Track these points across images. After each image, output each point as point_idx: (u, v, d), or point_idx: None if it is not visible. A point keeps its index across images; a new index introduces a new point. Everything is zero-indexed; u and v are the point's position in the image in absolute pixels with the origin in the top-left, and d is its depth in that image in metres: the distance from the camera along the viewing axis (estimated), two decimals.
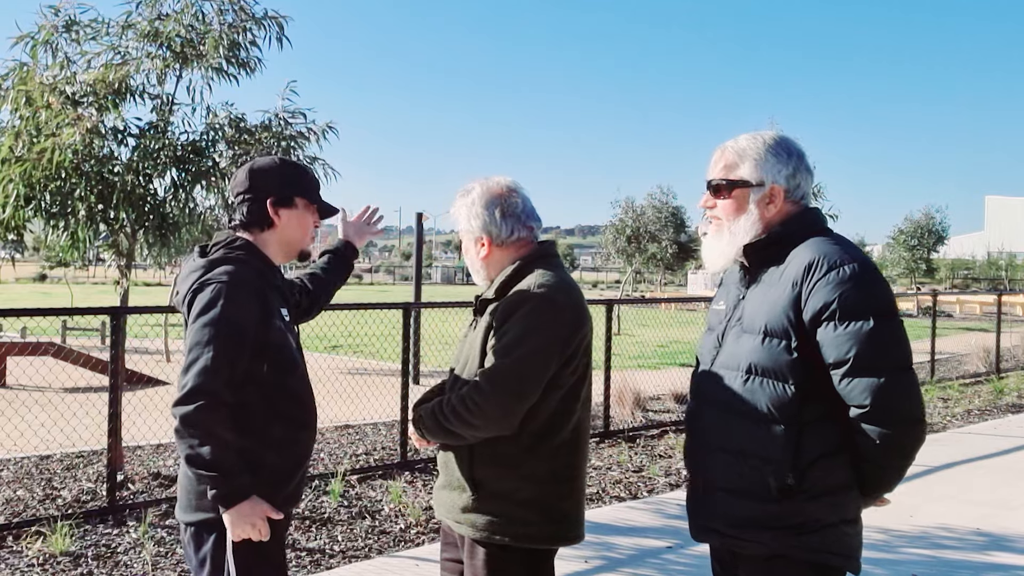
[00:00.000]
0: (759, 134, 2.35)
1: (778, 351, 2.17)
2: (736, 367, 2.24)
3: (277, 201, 2.59)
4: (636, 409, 9.09)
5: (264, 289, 2.51)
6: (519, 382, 2.49)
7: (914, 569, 4.75)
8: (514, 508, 2.56)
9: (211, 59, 6.18)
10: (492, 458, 2.57)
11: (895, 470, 2.18)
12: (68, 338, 16.34)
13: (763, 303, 2.23)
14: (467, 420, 2.51)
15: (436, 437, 2.64)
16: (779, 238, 2.27)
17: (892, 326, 2.11)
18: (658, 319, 18.52)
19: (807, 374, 2.15)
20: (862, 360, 2.08)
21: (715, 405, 2.29)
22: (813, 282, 2.13)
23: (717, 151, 2.38)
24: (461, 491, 2.60)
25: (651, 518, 5.71)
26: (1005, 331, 14.36)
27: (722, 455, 2.26)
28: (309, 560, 4.77)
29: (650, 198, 26.13)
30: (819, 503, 2.15)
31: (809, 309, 2.13)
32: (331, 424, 8.31)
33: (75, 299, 15.26)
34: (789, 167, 2.29)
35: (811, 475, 2.14)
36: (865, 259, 2.17)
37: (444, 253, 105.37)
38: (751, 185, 2.29)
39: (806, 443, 2.15)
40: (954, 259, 53.53)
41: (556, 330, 2.54)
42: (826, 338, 2.11)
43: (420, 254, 7.43)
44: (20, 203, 5.82)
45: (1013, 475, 7.02)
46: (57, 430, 7.11)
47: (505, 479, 2.57)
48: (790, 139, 2.35)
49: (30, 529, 4.99)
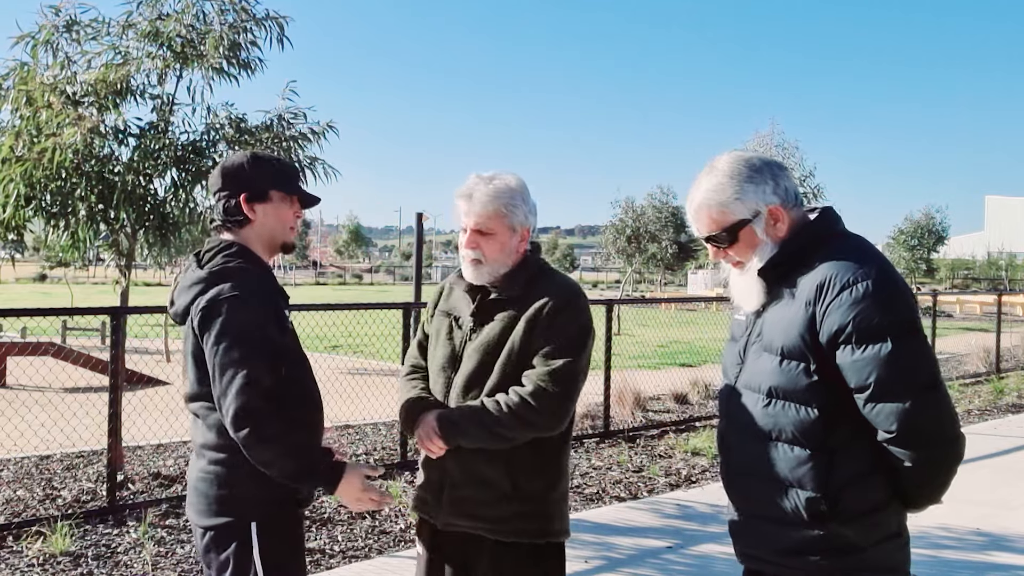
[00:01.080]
0: (714, 171, 2.22)
1: (796, 374, 2.08)
2: (757, 388, 2.17)
3: (250, 197, 2.53)
4: (636, 409, 9.09)
5: (271, 293, 2.50)
6: (577, 382, 2.53)
7: (914, 569, 4.74)
8: (547, 506, 2.59)
9: (212, 59, 6.18)
10: (530, 459, 2.56)
11: (937, 487, 2.10)
12: (68, 338, 16.34)
13: (780, 322, 2.14)
14: (530, 421, 2.47)
15: (472, 441, 2.53)
16: (789, 256, 2.16)
17: (913, 345, 2.01)
18: (658, 319, 18.53)
19: (830, 396, 2.06)
20: (884, 385, 1.98)
21: (742, 429, 2.21)
22: (826, 304, 2.04)
23: (691, 209, 2.27)
24: (495, 495, 2.54)
25: (651, 518, 5.71)
26: (1005, 331, 14.36)
27: (755, 482, 2.18)
28: (309, 560, 4.77)
29: (650, 198, 26.17)
30: (857, 525, 2.08)
31: (825, 332, 2.04)
32: (331, 424, 8.30)
33: (75, 299, 15.26)
34: (768, 182, 2.19)
35: (845, 499, 2.06)
36: (881, 271, 2.06)
37: (444, 253, 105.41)
38: (750, 221, 2.19)
39: (837, 467, 2.07)
40: (954, 259, 53.54)
41: (593, 330, 2.61)
42: (845, 362, 2.02)
43: (420, 254, 7.42)
44: (20, 203, 5.81)
45: (1013, 475, 7.03)
46: (57, 430, 7.11)
47: (538, 479, 2.58)
48: (745, 155, 2.24)
49: (30, 529, 4.99)
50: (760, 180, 2.19)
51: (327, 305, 7.00)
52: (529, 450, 2.54)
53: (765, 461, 2.14)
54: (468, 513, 2.57)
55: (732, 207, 2.19)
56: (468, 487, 2.57)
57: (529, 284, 2.61)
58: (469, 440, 2.52)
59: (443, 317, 2.75)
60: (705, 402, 10.14)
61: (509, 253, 2.62)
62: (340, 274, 72.61)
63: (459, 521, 2.59)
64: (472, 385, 2.58)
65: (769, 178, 2.20)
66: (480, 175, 2.66)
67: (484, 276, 2.63)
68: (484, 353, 2.58)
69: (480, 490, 2.55)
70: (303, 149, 6.61)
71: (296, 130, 6.61)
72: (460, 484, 2.58)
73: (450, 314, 2.73)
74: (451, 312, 2.73)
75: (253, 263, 2.52)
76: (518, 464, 2.54)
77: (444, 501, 2.61)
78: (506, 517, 2.54)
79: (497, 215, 2.59)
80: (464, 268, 2.68)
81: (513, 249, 2.62)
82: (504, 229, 2.60)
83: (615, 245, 25.87)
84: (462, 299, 2.72)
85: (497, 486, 2.54)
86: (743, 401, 2.21)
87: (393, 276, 73.46)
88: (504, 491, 2.54)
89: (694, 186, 2.26)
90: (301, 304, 7.01)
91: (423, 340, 2.85)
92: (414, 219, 7.42)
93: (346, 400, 8.76)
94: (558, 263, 79.66)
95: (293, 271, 65.46)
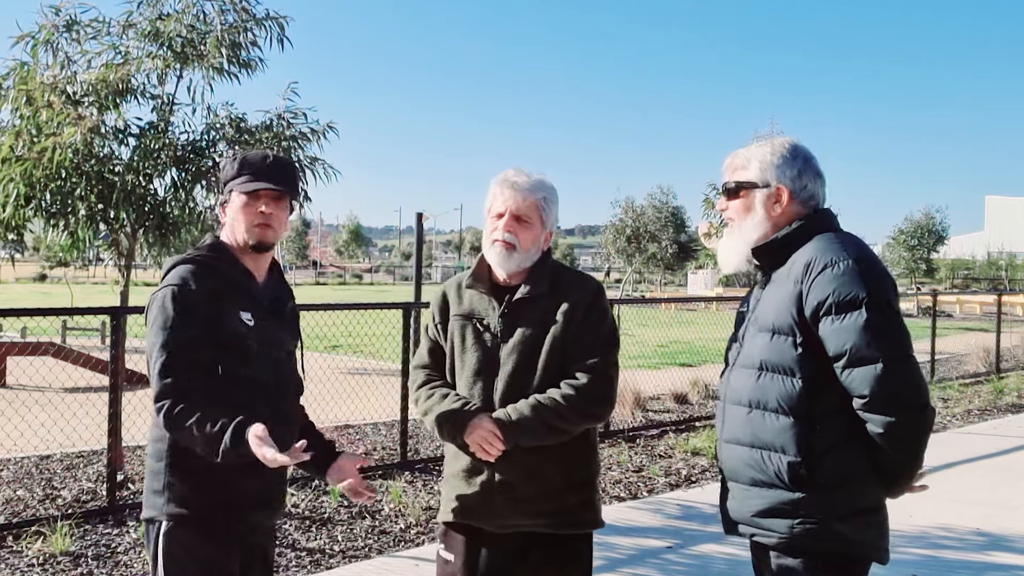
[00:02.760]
0: (770, 140, 2.44)
1: (784, 347, 2.25)
2: (751, 364, 2.32)
3: (223, 201, 2.60)
4: (636, 409, 9.10)
5: (218, 290, 2.47)
6: (618, 370, 2.75)
7: (914, 569, 4.75)
8: (596, 495, 2.74)
9: (212, 59, 6.18)
10: (579, 450, 2.68)
11: (907, 456, 2.21)
12: (68, 338, 16.33)
13: (772, 302, 2.32)
14: (589, 412, 2.62)
15: (532, 439, 2.57)
16: (786, 240, 2.34)
17: (886, 316, 2.17)
18: (658, 319, 18.51)
19: (815, 368, 2.21)
20: (858, 351, 2.14)
21: (735, 402, 2.37)
22: (811, 279, 2.22)
23: (729, 156, 2.47)
24: (551, 488, 2.62)
25: (651, 518, 5.71)
26: (1005, 331, 14.36)
27: (739, 448, 2.34)
28: (309, 560, 4.77)
29: (650, 198, 26.19)
30: (834, 493, 2.21)
31: (808, 305, 2.21)
32: (331, 424, 8.31)
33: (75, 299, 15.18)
34: (794, 168, 2.37)
35: (824, 465, 2.21)
36: (862, 255, 2.23)
37: (444, 253, 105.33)
38: (757, 186, 2.38)
39: (817, 435, 2.21)
40: (954, 259, 53.52)
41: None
42: (825, 332, 2.19)
43: (420, 254, 7.43)
44: (20, 202, 5.81)
45: (1013, 475, 7.03)
46: (57, 430, 7.10)
47: (584, 468, 2.71)
48: (800, 145, 2.43)
49: (30, 529, 4.99)
50: (786, 164, 2.37)
51: (327, 305, 7.01)
52: (577, 442, 2.65)
53: (751, 429, 2.30)
54: (528, 511, 2.61)
55: (752, 167, 2.39)
56: (526, 485, 2.60)
57: (552, 281, 2.68)
58: (529, 438, 2.56)
59: (463, 321, 2.72)
60: (705, 402, 10.14)
61: (537, 248, 2.69)
62: (340, 274, 72.63)
63: (520, 521, 2.61)
64: (517, 385, 2.61)
65: (795, 167, 2.37)
66: (521, 169, 2.74)
67: (512, 264, 2.66)
68: (523, 353, 2.62)
69: (538, 486, 2.61)
70: (303, 149, 6.62)
71: (296, 130, 6.61)
72: (518, 484, 2.60)
73: (472, 318, 2.71)
74: (473, 315, 2.71)
75: (219, 260, 2.53)
76: (570, 456, 2.65)
77: (500, 503, 2.61)
78: (567, 509, 2.63)
79: (537, 206, 2.68)
80: (492, 253, 2.67)
81: (540, 245, 2.71)
82: (539, 221, 2.69)
83: (615, 245, 25.89)
84: (482, 301, 2.71)
85: (552, 480, 2.62)
86: (738, 378, 2.37)
87: (393, 276, 73.42)
88: (558, 484, 2.62)
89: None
90: (301, 304, 6.99)
91: (434, 347, 2.81)
92: (414, 219, 7.43)
93: (346, 400, 8.75)
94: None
95: (293, 271, 65.46)
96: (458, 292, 2.78)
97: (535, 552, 2.64)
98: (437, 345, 2.80)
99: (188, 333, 2.40)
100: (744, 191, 2.40)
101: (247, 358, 2.49)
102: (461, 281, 2.80)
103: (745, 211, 2.40)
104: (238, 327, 2.48)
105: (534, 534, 2.63)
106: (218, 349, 2.44)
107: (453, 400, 2.64)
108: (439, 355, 2.79)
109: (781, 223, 2.36)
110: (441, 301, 2.81)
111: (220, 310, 2.46)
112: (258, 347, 2.51)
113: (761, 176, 2.38)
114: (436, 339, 2.80)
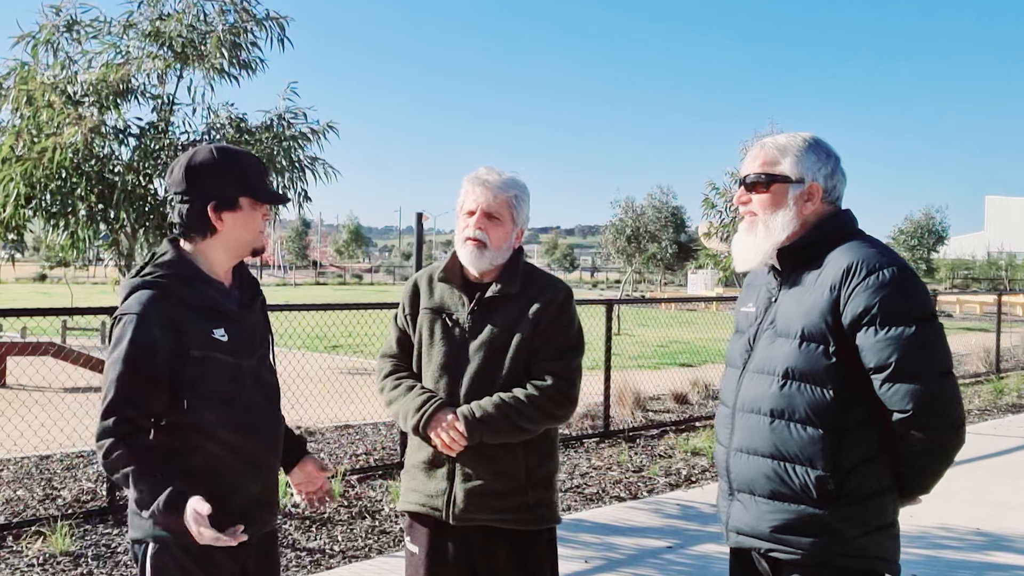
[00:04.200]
0: (797, 133, 2.35)
1: (816, 355, 2.15)
2: (771, 372, 2.21)
3: (219, 205, 2.31)
4: (636, 409, 9.09)
5: (184, 317, 2.27)
6: (581, 373, 2.72)
7: (914, 569, 4.75)
8: (554, 493, 2.73)
9: (213, 59, 6.18)
10: (539, 447, 2.69)
11: (935, 473, 2.19)
12: (68, 338, 16.31)
13: (799, 307, 2.20)
14: (552, 412, 2.62)
15: (496, 436, 2.58)
16: (816, 239, 2.24)
17: (932, 331, 2.11)
18: (658, 319, 18.52)
19: (846, 379, 2.13)
20: (904, 365, 2.07)
21: (751, 410, 2.26)
22: (852, 286, 2.12)
23: (755, 147, 2.35)
24: (512, 485, 2.63)
25: (651, 518, 5.71)
26: (1005, 331, 14.36)
27: (757, 459, 2.23)
28: (309, 560, 4.77)
29: (650, 198, 26.17)
30: (859, 508, 2.15)
31: (848, 313, 2.12)
32: (331, 424, 8.31)
33: (75, 299, 15.23)
34: (828, 167, 2.29)
35: (851, 480, 2.14)
36: (903, 263, 2.16)
37: (444, 253, 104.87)
38: (791, 181, 2.27)
39: (846, 448, 2.14)
40: (954, 259, 53.52)
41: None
42: (866, 343, 2.10)
43: (420, 254, 7.41)
44: (21, 202, 5.81)
45: (1013, 475, 7.03)
46: (57, 430, 7.11)
47: (543, 467, 2.70)
48: (826, 141, 2.36)
49: (30, 529, 4.99)
50: (822, 160, 2.29)
51: (327, 305, 7.01)
52: (538, 440, 2.66)
53: (773, 440, 2.19)
54: (487, 506, 2.62)
55: (787, 160, 2.28)
56: (484, 479, 2.62)
57: (524, 282, 2.69)
58: (493, 435, 2.57)
59: (432, 315, 2.73)
60: (705, 402, 10.14)
61: (508, 246, 2.71)
62: (340, 274, 72.54)
63: (479, 515, 2.63)
64: (482, 382, 2.62)
65: (828, 165, 2.29)
66: (492, 167, 2.76)
67: (484, 262, 2.68)
68: (490, 351, 2.63)
69: (497, 482, 2.62)
70: (303, 149, 6.62)
71: (296, 130, 6.61)
72: (475, 477, 2.62)
73: (442, 312, 2.72)
74: (443, 309, 2.72)
75: (182, 280, 2.31)
76: (531, 453, 2.65)
77: (457, 496, 2.63)
78: (526, 506, 2.63)
79: (507, 203, 2.69)
80: (464, 252, 2.69)
81: (511, 243, 2.71)
82: (510, 219, 2.70)
83: (615, 245, 25.86)
84: (452, 296, 2.72)
85: (513, 476, 2.63)
86: (753, 385, 2.25)
87: (393, 276, 73.36)
88: (519, 481, 2.63)
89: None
90: (302, 304, 7.04)
91: (402, 337, 2.82)
92: (414, 219, 7.41)
93: (346, 400, 8.76)
94: (558, 263, 79.63)
95: (293, 271, 65.40)
96: (429, 285, 2.79)
97: (498, 547, 2.65)
98: (405, 335, 2.81)
99: (141, 373, 2.22)
100: (775, 185, 2.27)
101: (222, 376, 2.33)
102: (433, 274, 2.80)
103: (773, 206, 2.27)
104: (212, 347, 2.30)
105: (496, 529, 2.64)
106: (188, 378, 2.27)
107: (418, 393, 2.67)
108: (407, 345, 2.80)
109: (810, 222, 2.26)
110: (412, 292, 2.82)
111: (187, 336, 2.27)
112: (234, 362, 2.36)
113: (796, 171, 2.27)
114: (404, 328, 2.82)
